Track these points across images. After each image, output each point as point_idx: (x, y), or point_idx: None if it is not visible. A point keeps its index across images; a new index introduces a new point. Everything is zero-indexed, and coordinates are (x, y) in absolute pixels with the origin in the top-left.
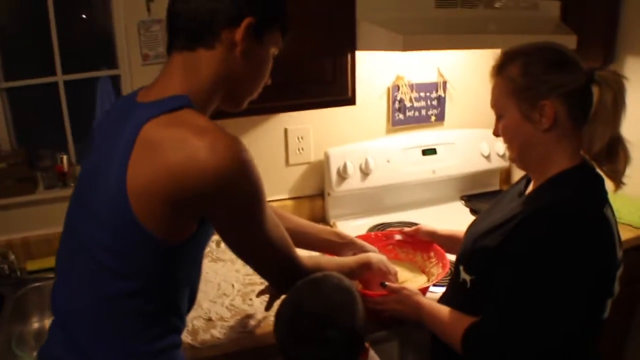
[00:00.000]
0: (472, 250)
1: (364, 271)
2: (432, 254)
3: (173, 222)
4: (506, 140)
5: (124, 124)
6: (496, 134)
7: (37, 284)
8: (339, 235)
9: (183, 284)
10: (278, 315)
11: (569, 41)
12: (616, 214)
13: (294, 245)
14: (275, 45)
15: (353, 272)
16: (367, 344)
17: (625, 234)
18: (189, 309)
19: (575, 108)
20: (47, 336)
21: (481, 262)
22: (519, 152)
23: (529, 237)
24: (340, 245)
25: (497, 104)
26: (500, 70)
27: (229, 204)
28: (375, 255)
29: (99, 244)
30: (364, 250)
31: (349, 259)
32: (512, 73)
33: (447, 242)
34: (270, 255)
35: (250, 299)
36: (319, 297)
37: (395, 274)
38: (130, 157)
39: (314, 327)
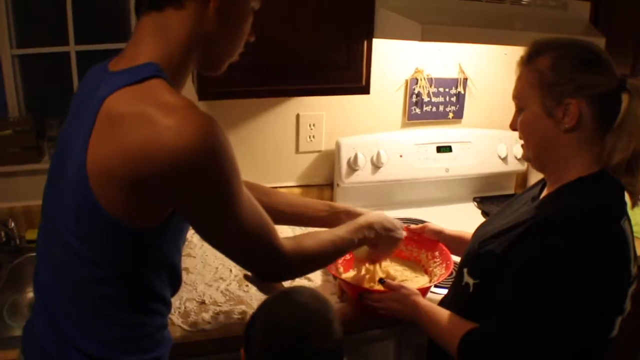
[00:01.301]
0: (477, 254)
1: (367, 233)
2: (436, 253)
3: (136, 207)
4: (523, 136)
5: (92, 96)
6: (513, 127)
7: (34, 254)
8: (330, 205)
9: (160, 268)
10: (250, 335)
11: (597, 44)
12: (635, 228)
13: (274, 230)
14: None
15: (350, 240)
16: None
17: None
18: (174, 292)
19: (601, 113)
20: (30, 315)
21: (486, 266)
22: (535, 150)
23: (536, 244)
24: (332, 216)
25: (519, 95)
26: (529, 60)
27: (196, 191)
28: (373, 214)
29: (68, 228)
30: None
31: (342, 230)
32: (541, 65)
33: (453, 242)
34: (246, 245)
35: (247, 285)
36: (293, 309)
37: (402, 227)
38: (91, 134)
39: (293, 341)
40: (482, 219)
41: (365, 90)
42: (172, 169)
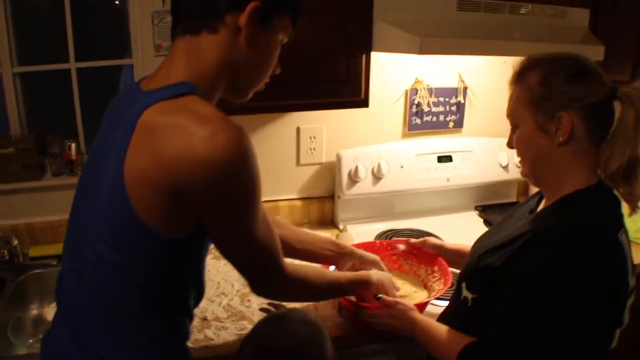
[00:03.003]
0: (475, 268)
1: (360, 290)
2: (436, 268)
3: (170, 215)
4: (520, 153)
5: (126, 112)
6: (510, 145)
7: (38, 271)
8: (337, 245)
9: (187, 278)
10: (240, 353)
11: (597, 52)
12: (635, 234)
13: (280, 249)
14: (284, 32)
15: (344, 289)
16: None
17: None
18: (197, 303)
19: (594, 123)
20: (50, 326)
21: (484, 280)
22: (532, 166)
23: (532, 259)
24: (337, 256)
25: (513, 113)
26: (519, 78)
27: (221, 199)
28: (376, 274)
29: (100, 236)
30: (362, 260)
31: (342, 276)
32: (530, 82)
33: (453, 256)
34: (253, 256)
35: (249, 300)
36: (284, 333)
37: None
38: (129, 144)
39: None
40: (484, 228)
41: (364, 103)
42: (204, 178)
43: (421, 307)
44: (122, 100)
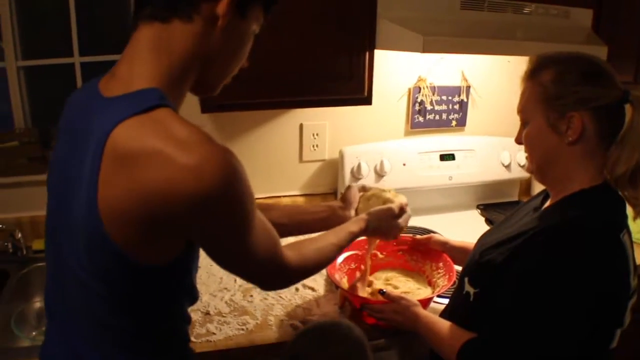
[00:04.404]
0: (478, 263)
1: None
2: (440, 264)
3: (154, 245)
4: (528, 149)
5: (89, 124)
6: (518, 141)
7: (41, 264)
8: (327, 205)
9: (178, 295)
10: None
11: (600, 52)
12: (638, 235)
13: (280, 245)
14: (257, 21)
15: (348, 246)
16: None
17: None
18: (191, 305)
19: (604, 125)
20: (45, 340)
21: (486, 275)
22: (539, 163)
23: (535, 256)
24: (332, 213)
25: (524, 109)
26: (532, 75)
27: (214, 227)
28: (371, 222)
29: (79, 264)
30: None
31: (337, 239)
32: (544, 79)
33: (458, 253)
34: (256, 265)
35: (251, 296)
36: (323, 350)
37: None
38: (99, 170)
39: None
40: (485, 226)
41: (367, 101)
42: (191, 210)
43: (425, 302)
44: (81, 106)
